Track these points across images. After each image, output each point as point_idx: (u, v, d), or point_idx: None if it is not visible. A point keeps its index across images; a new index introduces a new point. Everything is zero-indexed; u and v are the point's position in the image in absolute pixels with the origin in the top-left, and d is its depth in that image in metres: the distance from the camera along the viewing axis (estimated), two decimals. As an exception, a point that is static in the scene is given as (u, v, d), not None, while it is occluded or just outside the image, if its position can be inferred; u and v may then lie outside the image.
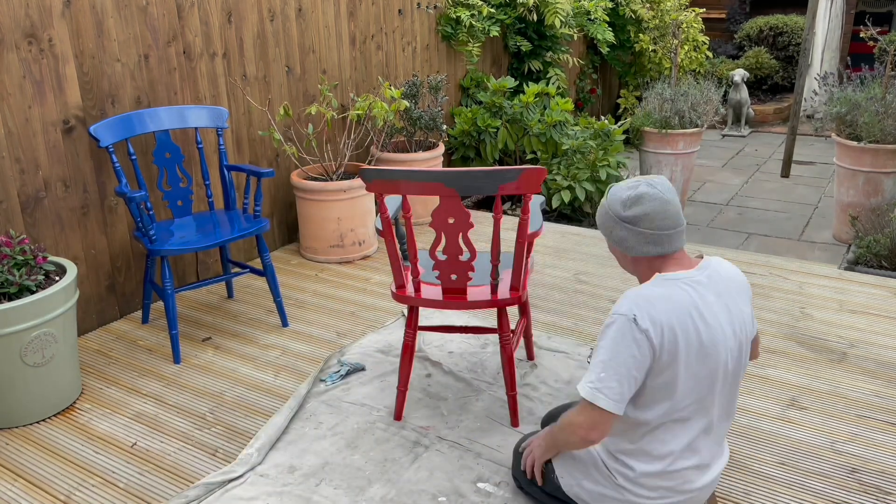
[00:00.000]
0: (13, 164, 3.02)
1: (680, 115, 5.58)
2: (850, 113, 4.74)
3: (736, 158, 7.39)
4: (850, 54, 9.14)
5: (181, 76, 3.63)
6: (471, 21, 5.34)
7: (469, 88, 5.70)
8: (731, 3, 9.91)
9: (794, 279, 3.86)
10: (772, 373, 2.95)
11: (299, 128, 4.34)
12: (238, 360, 3.14)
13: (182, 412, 2.77)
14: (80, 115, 3.22)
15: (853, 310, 3.49)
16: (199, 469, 2.45)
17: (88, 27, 3.20)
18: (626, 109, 7.49)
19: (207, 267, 3.96)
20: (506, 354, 2.51)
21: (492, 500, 2.23)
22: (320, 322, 3.48)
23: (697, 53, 7.35)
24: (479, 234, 4.44)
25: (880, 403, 2.73)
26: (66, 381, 2.79)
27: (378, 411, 2.69)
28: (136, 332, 3.42)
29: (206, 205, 3.86)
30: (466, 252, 2.37)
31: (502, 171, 2.20)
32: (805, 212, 5.73)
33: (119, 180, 3.12)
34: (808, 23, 6.33)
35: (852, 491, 2.28)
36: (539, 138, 5.21)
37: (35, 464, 2.49)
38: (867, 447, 2.48)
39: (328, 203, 4.04)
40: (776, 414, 2.68)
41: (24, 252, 2.69)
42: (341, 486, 2.31)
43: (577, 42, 6.97)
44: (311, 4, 4.29)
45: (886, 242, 4.13)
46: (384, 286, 3.86)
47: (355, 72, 4.70)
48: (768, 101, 9.09)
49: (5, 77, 2.94)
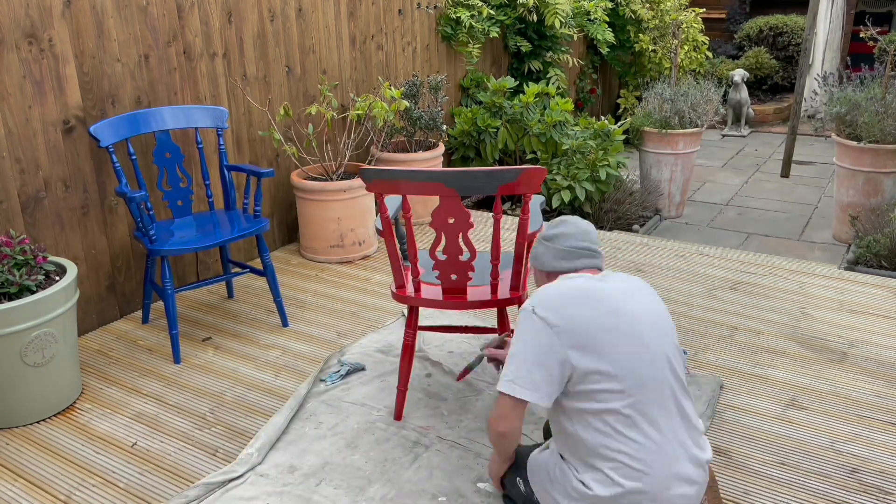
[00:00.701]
0: (13, 164, 3.02)
1: (680, 115, 5.59)
2: (850, 113, 4.75)
3: (736, 158, 7.39)
4: (850, 54, 9.15)
5: (181, 76, 3.63)
6: (471, 21, 5.34)
7: (469, 88, 5.70)
8: (731, 3, 9.91)
9: (794, 279, 3.86)
10: (772, 373, 2.95)
11: (299, 128, 4.34)
12: (238, 360, 3.14)
13: (182, 412, 2.78)
14: (80, 115, 3.22)
15: (853, 310, 3.50)
16: (200, 469, 2.45)
17: (88, 27, 3.20)
18: (626, 109, 7.49)
19: (207, 267, 3.96)
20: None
21: (492, 499, 2.23)
22: (320, 322, 3.48)
23: (697, 53, 7.35)
24: (479, 234, 4.44)
25: (880, 403, 2.73)
26: (66, 381, 2.79)
27: (378, 411, 2.69)
28: (137, 332, 3.42)
29: (206, 205, 3.86)
30: (466, 252, 2.37)
31: (502, 171, 2.20)
32: (805, 212, 5.74)
33: (119, 180, 3.12)
34: (808, 23, 6.33)
35: (852, 491, 2.28)
36: (539, 138, 5.21)
37: (35, 464, 2.49)
38: (867, 447, 2.48)
39: (328, 203, 4.04)
40: (776, 414, 2.68)
41: (25, 252, 2.69)
42: (341, 485, 2.31)
43: (577, 42, 6.97)
44: (311, 4, 4.29)
45: (886, 242, 4.13)
46: (384, 286, 3.86)
47: (355, 72, 4.70)
48: (768, 101, 9.09)
49: (5, 77, 2.95)
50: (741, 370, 2.98)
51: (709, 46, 7.56)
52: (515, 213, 5.07)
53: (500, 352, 2.20)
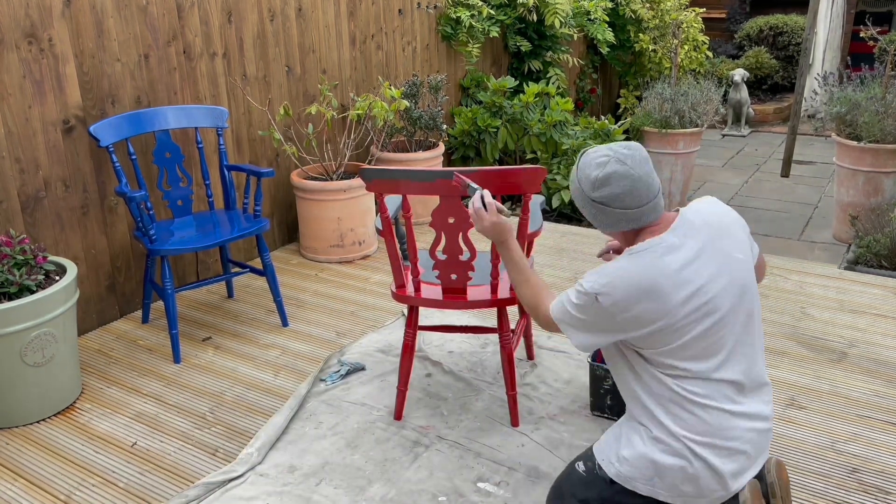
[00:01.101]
0: (13, 164, 3.02)
1: (680, 115, 5.58)
2: (850, 113, 4.74)
3: (736, 158, 7.39)
4: (851, 54, 9.14)
5: (181, 76, 3.63)
6: (471, 21, 5.34)
7: (469, 88, 5.70)
8: (731, 2, 9.91)
9: (794, 279, 3.86)
10: (772, 373, 2.95)
11: (299, 128, 4.34)
12: (238, 360, 3.14)
13: (182, 412, 2.78)
14: (80, 115, 3.22)
15: (853, 309, 3.49)
16: (199, 469, 2.45)
17: (88, 27, 3.20)
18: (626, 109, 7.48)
19: (207, 267, 3.96)
20: (506, 354, 2.51)
21: (492, 499, 2.23)
22: (320, 322, 3.48)
23: (697, 53, 7.35)
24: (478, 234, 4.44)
25: (880, 403, 2.73)
26: (66, 380, 2.79)
27: (378, 411, 2.69)
28: (136, 331, 3.42)
29: (206, 204, 3.86)
30: (466, 252, 2.37)
31: (502, 171, 2.20)
32: (805, 211, 5.73)
33: (119, 180, 3.12)
34: (808, 22, 6.33)
35: (852, 491, 2.28)
36: (539, 138, 5.21)
37: (35, 464, 2.49)
38: (867, 447, 2.48)
39: (328, 203, 4.04)
40: (776, 414, 2.68)
41: (25, 252, 2.69)
42: (341, 485, 2.31)
43: (577, 42, 6.97)
44: (311, 4, 4.29)
45: (886, 242, 4.13)
46: (384, 286, 3.86)
47: (355, 72, 4.70)
48: (768, 100, 9.09)
49: (5, 77, 2.94)
50: (741, 370, 2.98)
51: (709, 46, 7.55)
52: (515, 213, 5.07)
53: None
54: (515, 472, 2.34)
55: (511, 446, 2.47)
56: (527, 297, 1.95)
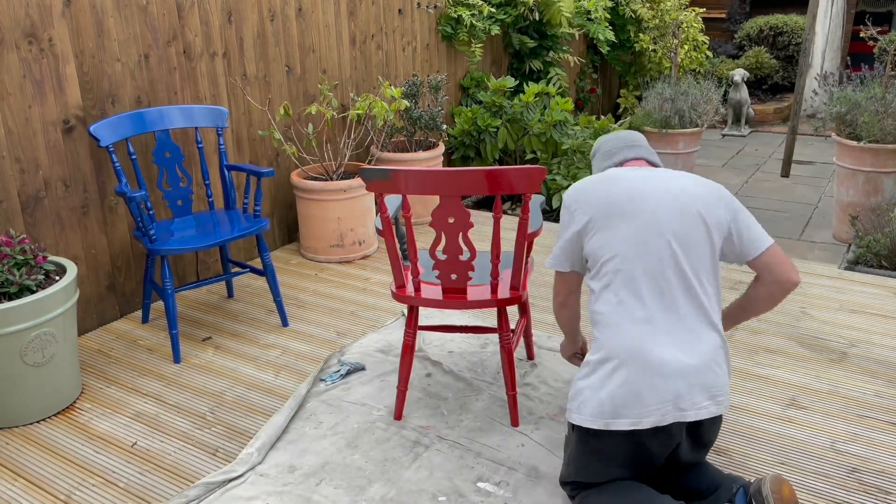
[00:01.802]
0: (13, 164, 3.02)
1: (680, 115, 5.58)
2: (850, 113, 4.74)
3: (736, 158, 7.39)
4: (850, 54, 9.14)
5: (181, 76, 3.63)
6: (471, 21, 5.34)
7: (469, 88, 5.70)
8: (731, 2, 9.90)
9: (794, 279, 3.85)
10: (772, 373, 2.95)
11: (299, 127, 4.34)
12: (238, 360, 3.14)
13: (182, 412, 2.78)
14: (80, 115, 3.22)
15: (853, 309, 3.50)
16: (200, 469, 2.45)
17: (88, 27, 3.20)
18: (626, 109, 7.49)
19: (207, 266, 3.96)
20: (506, 354, 2.51)
21: (492, 499, 2.23)
22: (320, 322, 3.48)
23: (697, 53, 7.35)
24: (479, 234, 4.44)
25: (880, 403, 2.73)
26: (66, 380, 2.79)
27: (378, 411, 2.69)
28: (136, 331, 3.42)
29: (206, 204, 3.86)
30: (466, 252, 2.37)
31: (502, 171, 2.20)
32: (805, 211, 5.73)
33: (119, 180, 3.12)
34: (808, 22, 6.33)
35: (852, 491, 2.28)
36: (539, 138, 5.21)
37: (35, 464, 2.49)
38: (867, 447, 2.48)
39: (328, 203, 4.04)
40: (776, 414, 2.68)
41: (25, 252, 2.69)
42: (341, 485, 2.31)
43: (578, 42, 6.97)
44: (311, 4, 4.29)
45: (886, 242, 4.13)
46: (384, 286, 3.86)
47: (355, 71, 4.70)
48: (768, 100, 9.09)
49: (5, 77, 2.95)
50: (741, 370, 2.98)
51: (709, 46, 7.56)
52: (515, 213, 5.07)
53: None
54: (515, 472, 2.35)
55: (511, 446, 2.47)
56: (558, 320, 2.44)
